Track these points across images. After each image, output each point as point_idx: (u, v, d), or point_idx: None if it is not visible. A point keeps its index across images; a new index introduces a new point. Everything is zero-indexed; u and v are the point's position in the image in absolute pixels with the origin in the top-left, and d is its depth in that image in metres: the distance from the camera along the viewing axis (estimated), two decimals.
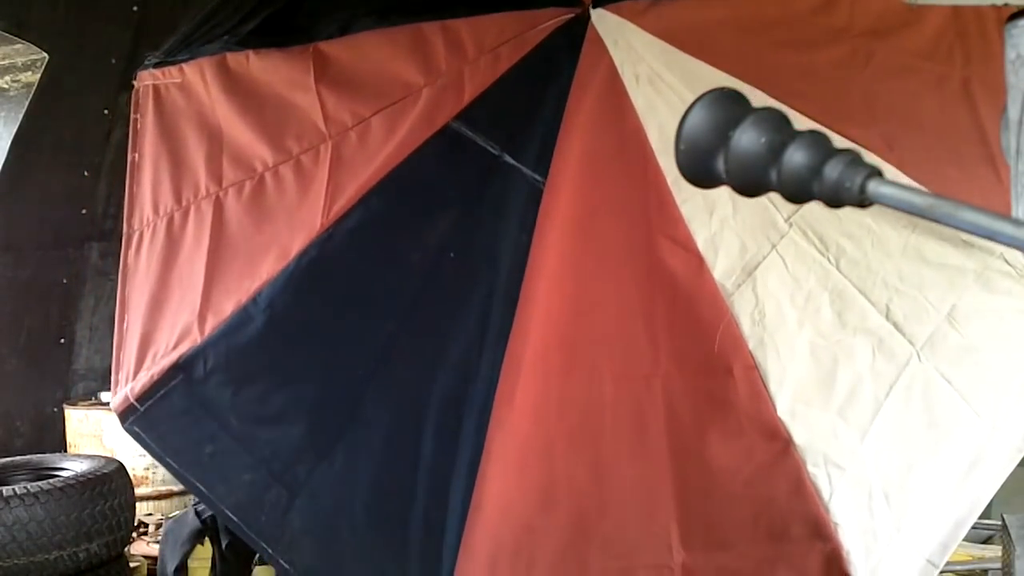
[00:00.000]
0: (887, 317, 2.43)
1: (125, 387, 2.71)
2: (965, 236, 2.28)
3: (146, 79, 2.67)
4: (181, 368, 2.65)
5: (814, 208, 2.35)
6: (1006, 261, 2.35)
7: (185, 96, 2.67)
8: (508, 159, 2.64)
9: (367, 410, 2.69)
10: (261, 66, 2.69)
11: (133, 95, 2.70)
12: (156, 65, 2.71)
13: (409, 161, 2.64)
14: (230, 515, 2.69)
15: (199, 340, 2.65)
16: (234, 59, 2.68)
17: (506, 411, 2.61)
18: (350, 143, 2.65)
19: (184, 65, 2.69)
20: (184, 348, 2.65)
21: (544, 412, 2.65)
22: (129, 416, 2.72)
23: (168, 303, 2.68)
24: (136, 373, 2.68)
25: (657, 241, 2.57)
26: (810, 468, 2.50)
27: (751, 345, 2.49)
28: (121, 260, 2.74)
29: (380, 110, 2.65)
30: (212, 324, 2.65)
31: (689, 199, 2.49)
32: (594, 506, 2.64)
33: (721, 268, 2.50)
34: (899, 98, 2.42)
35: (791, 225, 2.44)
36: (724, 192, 0.95)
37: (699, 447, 2.56)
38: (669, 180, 2.52)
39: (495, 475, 2.61)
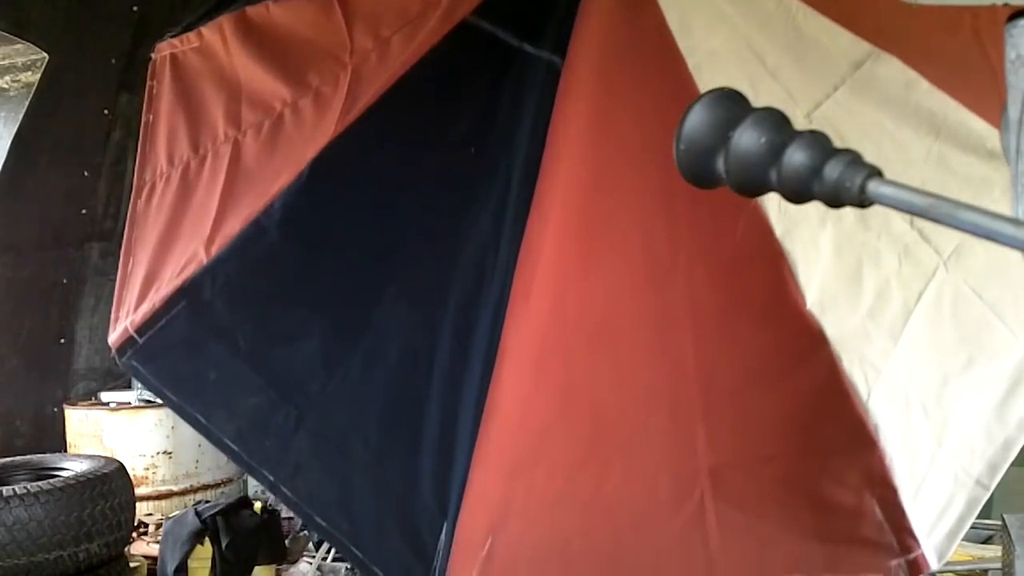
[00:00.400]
0: (911, 224, 2.31)
1: (125, 320, 2.53)
2: (990, 146, 2.24)
3: (164, 49, 2.59)
4: (186, 292, 2.49)
5: (833, 105, 2.31)
6: None
7: (203, 57, 2.57)
8: (528, 48, 2.51)
9: (383, 317, 2.55)
10: (283, 12, 2.57)
11: (150, 66, 2.61)
12: (174, 36, 2.65)
13: (425, 60, 2.50)
14: (230, 445, 2.51)
15: (205, 260, 2.48)
16: (254, 11, 2.58)
17: (522, 311, 2.46)
18: (370, 63, 2.54)
19: (202, 28, 2.60)
20: (190, 271, 2.49)
21: (561, 312, 2.52)
22: (127, 350, 2.53)
23: (177, 241, 2.54)
24: (138, 307, 2.52)
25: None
26: (845, 365, 2.35)
27: (778, 233, 2.35)
28: (130, 210, 2.60)
29: (401, 28, 2.53)
30: (220, 243, 2.49)
31: (710, 86, 2.37)
32: (615, 409, 2.51)
33: None
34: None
35: (810, 120, 2.31)
36: (746, 86, 0.93)
37: (725, 344, 2.43)
38: (690, 64, 2.38)
39: (510, 378, 2.47)
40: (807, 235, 2.35)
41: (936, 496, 2.34)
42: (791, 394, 2.41)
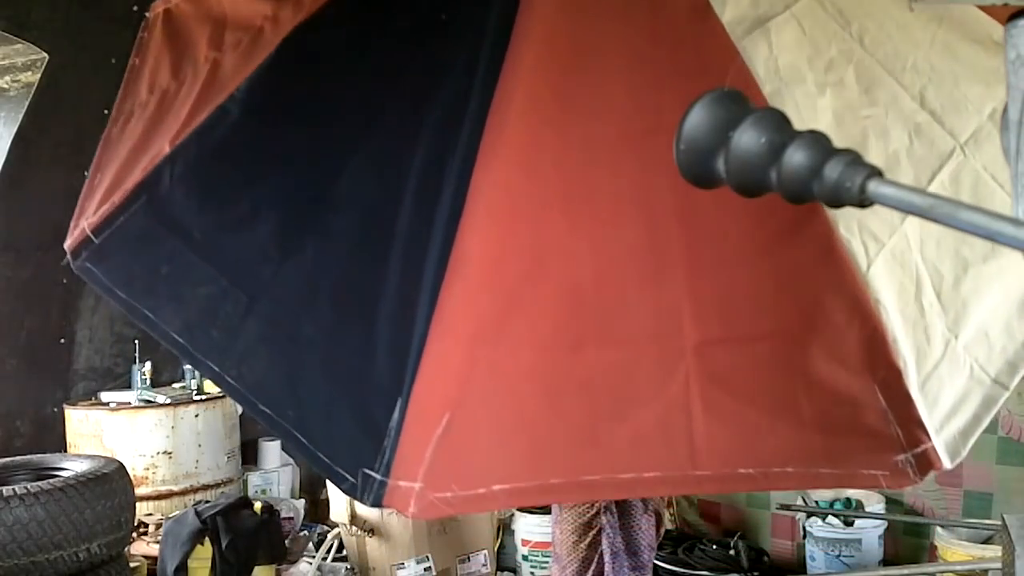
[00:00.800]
0: (922, 105, 2.15)
1: (83, 223, 2.40)
2: (996, 38, 2.08)
3: (159, 6, 2.54)
4: (146, 187, 2.36)
5: None
6: None
7: (195, 4, 2.52)
8: None
9: (343, 192, 2.40)
10: None
11: (144, 22, 2.56)
12: None
13: None
14: (176, 338, 2.35)
15: (167, 150, 2.35)
16: None
17: (492, 168, 2.28)
18: None
19: None
20: (152, 165, 2.36)
21: (535, 166, 2.33)
22: (82, 252, 2.39)
23: (148, 150, 2.41)
24: (98, 209, 2.39)
25: None
26: (842, 231, 2.16)
27: (766, 91, 2.18)
28: (104, 136, 2.48)
29: None
30: (185, 134, 2.36)
31: None
32: (590, 279, 2.31)
33: (730, 15, 2.21)
34: None
35: None
36: None
37: (712, 208, 2.21)
38: None
39: (477, 239, 2.28)
40: (802, 97, 2.19)
41: (949, 390, 2.14)
42: (783, 265, 2.23)
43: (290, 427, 2.34)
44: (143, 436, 4.90)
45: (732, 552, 4.74)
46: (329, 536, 4.73)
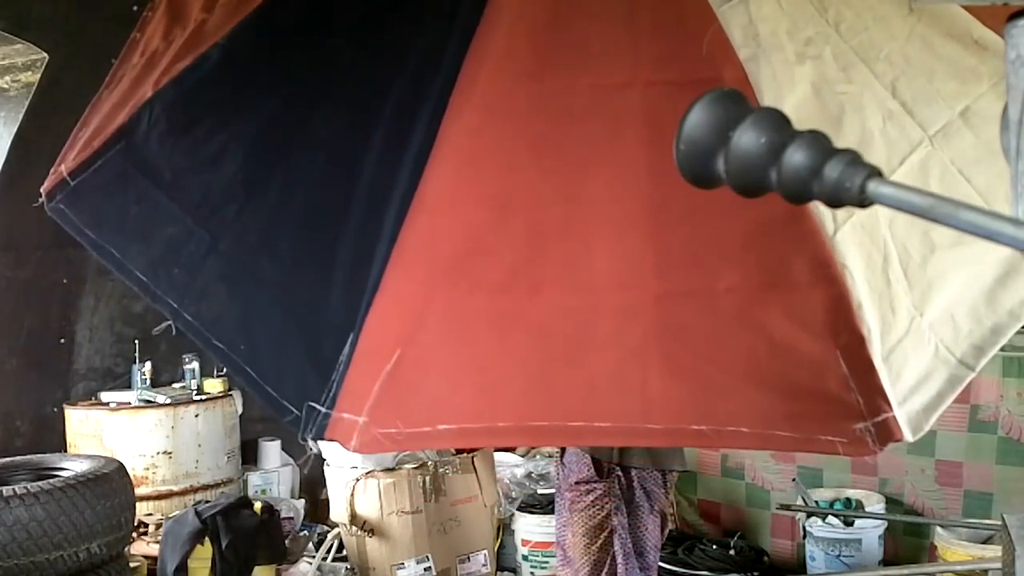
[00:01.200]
0: (893, 94, 2.14)
1: (61, 167, 2.42)
2: (977, 36, 2.11)
3: None
4: (125, 132, 2.38)
5: None
6: None
7: None
8: None
9: (314, 135, 2.42)
10: None
11: (149, 4, 2.58)
12: None
13: None
14: (139, 276, 2.38)
15: (149, 94, 2.37)
16: None
17: (463, 112, 2.28)
18: None
19: None
20: (133, 110, 2.38)
21: (507, 115, 2.32)
22: (57, 194, 2.41)
23: (130, 99, 2.42)
24: (79, 155, 2.41)
25: None
26: None
27: (743, 56, 2.17)
28: (95, 99, 2.52)
29: None
30: (166, 80, 2.38)
31: None
32: (555, 222, 2.29)
33: None
34: None
35: None
36: None
37: None
38: None
39: (442, 178, 2.27)
40: (779, 64, 2.18)
41: (913, 365, 2.10)
42: (751, 221, 2.18)
43: (240, 361, 2.36)
44: (143, 436, 4.90)
45: (732, 552, 4.74)
46: (329, 536, 4.74)
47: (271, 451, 5.59)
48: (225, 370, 5.10)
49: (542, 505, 4.88)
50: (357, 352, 2.25)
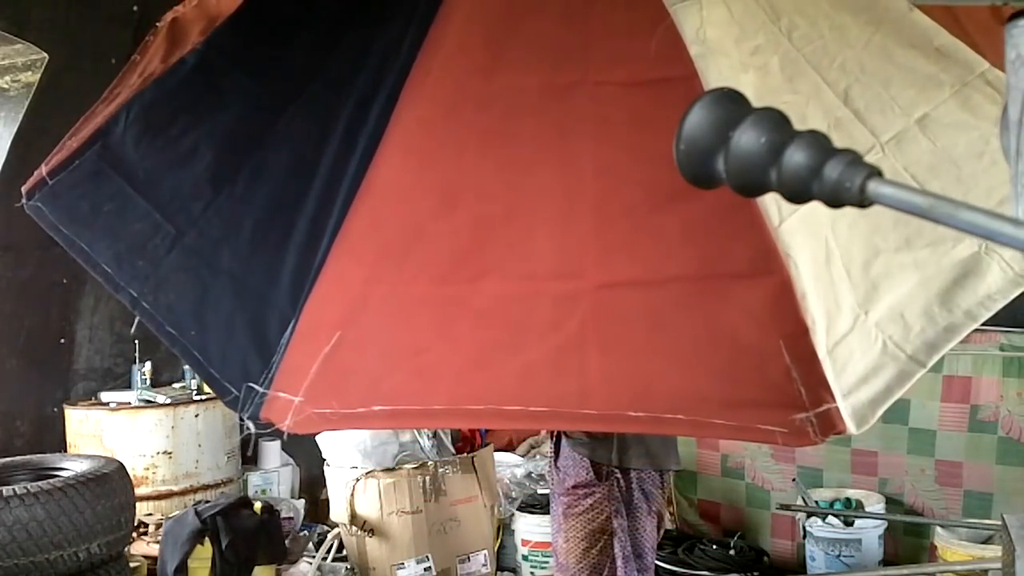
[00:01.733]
0: (845, 102, 2.14)
1: (42, 167, 2.51)
2: (939, 44, 2.11)
3: (169, 15, 2.65)
4: (102, 132, 2.47)
5: None
6: (987, 83, 2.09)
7: (199, 8, 2.62)
8: None
9: (280, 131, 2.49)
10: None
11: (152, 30, 2.67)
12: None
13: None
14: (104, 268, 2.47)
15: (130, 96, 2.46)
16: None
17: (414, 104, 2.34)
18: None
19: None
20: (113, 112, 2.47)
21: (457, 108, 2.39)
22: (36, 192, 2.52)
23: (112, 105, 2.52)
24: (58, 154, 2.50)
25: None
26: None
27: (692, 52, 2.17)
28: (87, 114, 2.60)
29: None
30: (146, 83, 2.47)
31: None
32: (499, 214, 2.34)
33: None
34: None
35: None
36: None
37: (629, 157, 2.24)
38: None
39: (390, 169, 2.34)
40: (726, 69, 2.17)
41: (859, 360, 2.09)
42: (695, 212, 2.19)
43: (188, 344, 2.43)
44: (143, 436, 4.90)
45: (732, 552, 4.74)
46: (329, 536, 4.74)
47: (271, 451, 5.60)
48: None
49: (542, 505, 4.88)
50: (296, 333, 2.31)
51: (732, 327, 2.18)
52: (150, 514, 4.72)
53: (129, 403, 5.03)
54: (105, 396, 5.16)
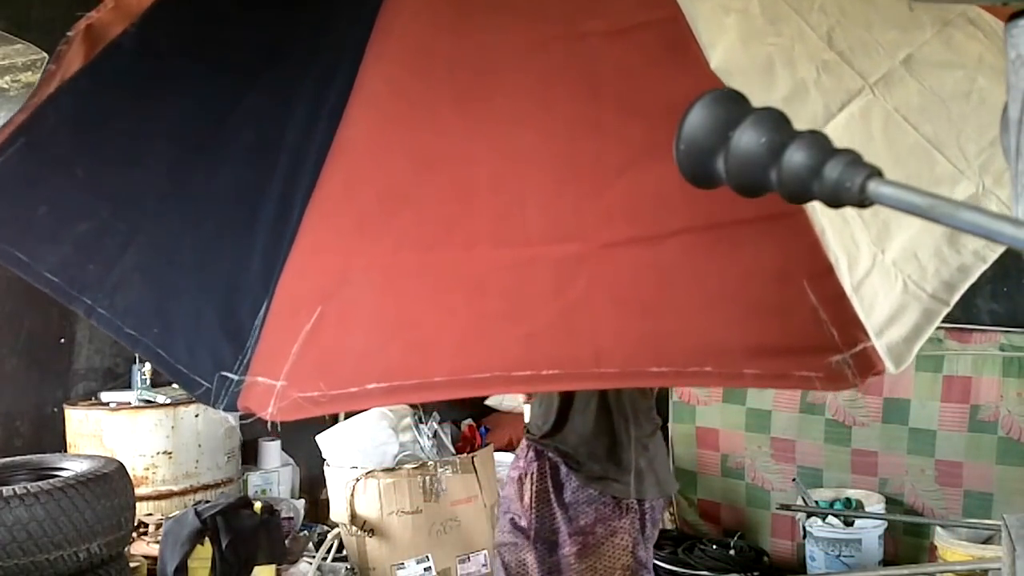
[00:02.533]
0: (829, 45, 2.10)
1: None
2: None
3: (81, 23, 2.47)
4: (24, 130, 2.24)
5: None
6: (969, 21, 2.08)
7: (116, 10, 2.45)
8: None
9: (241, 111, 2.32)
10: None
11: (64, 39, 2.49)
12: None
13: None
14: (50, 278, 2.22)
15: (52, 92, 2.24)
16: None
17: (377, 67, 2.21)
18: None
19: None
20: (34, 108, 2.24)
21: (425, 69, 2.26)
22: None
23: (31, 104, 2.30)
24: None
25: None
26: None
27: None
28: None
29: None
30: (77, 68, 2.26)
31: None
32: (485, 177, 2.20)
33: None
34: None
35: None
36: None
37: (618, 114, 2.15)
38: None
39: (361, 130, 2.20)
40: (707, 11, 2.12)
41: (885, 298, 2.03)
42: None
43: (151, 343, 2.24)
44: (143, 436, 4.90)
45: (732, 552, 4.74)
46: (329, 536, 4.74)
47: (271, 451, 5.60)
48: None
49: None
50: (272, 312, 2.14)
51: (749, 274, 2.09)
52: (150, 514, 4.72)
53: (129, 403, 5.03)
54: (105, 396, 5.16)
